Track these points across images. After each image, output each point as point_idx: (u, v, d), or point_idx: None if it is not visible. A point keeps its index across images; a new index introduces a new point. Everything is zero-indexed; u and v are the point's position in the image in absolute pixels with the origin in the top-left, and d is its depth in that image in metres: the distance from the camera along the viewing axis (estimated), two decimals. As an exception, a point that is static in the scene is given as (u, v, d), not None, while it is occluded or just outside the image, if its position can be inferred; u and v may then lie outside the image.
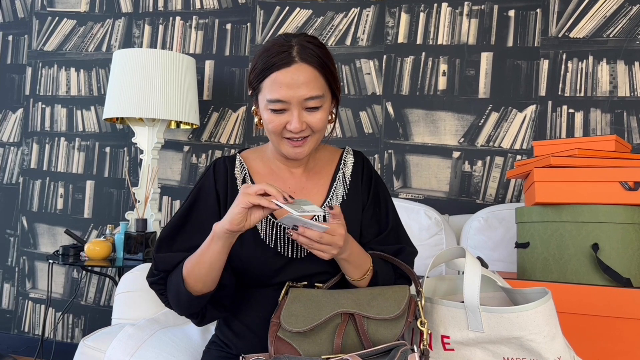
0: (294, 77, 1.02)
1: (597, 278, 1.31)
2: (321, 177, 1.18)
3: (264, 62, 1.05)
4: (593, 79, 2.09)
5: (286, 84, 1.02)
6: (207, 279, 1.00)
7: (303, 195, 1.14)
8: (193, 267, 1.00)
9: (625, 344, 1.22)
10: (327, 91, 1.08)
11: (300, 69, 1.03)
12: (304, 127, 1.05)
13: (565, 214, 1.35)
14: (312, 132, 1.07)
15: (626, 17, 2.06)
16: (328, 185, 1.17)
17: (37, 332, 2.73)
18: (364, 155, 1.24)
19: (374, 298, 0.96)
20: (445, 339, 1.00)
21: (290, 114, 1.04)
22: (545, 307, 0.93)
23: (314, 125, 1.06)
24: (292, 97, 1.02)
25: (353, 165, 1.20)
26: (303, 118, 1.04)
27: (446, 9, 2.25)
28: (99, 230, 2.67)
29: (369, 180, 1.19)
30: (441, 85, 2.25)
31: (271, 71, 1.03)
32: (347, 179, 1.17)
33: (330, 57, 1.09)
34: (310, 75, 1.03)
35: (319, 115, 1.06)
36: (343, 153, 1.22)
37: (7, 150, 2.83)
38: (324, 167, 1.19)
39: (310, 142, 1.08)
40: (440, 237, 1.85)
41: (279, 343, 0.91)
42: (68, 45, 2.75)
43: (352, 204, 1.14)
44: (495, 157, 2.17)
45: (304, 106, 1.04)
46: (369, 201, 1.17)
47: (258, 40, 2.49)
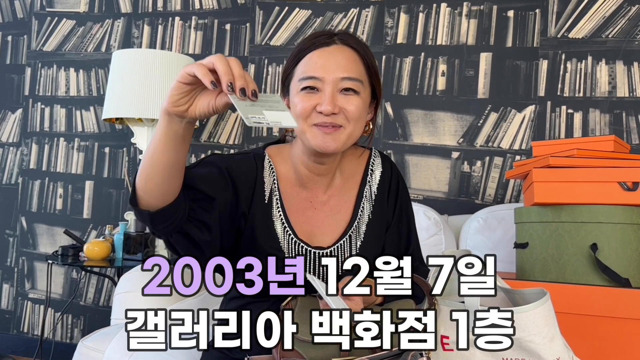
0: (332, 55, 0.94)
1: (595, 278, 1.31)
2: (347, 190, 1.08)
3: (300, 46, 0.98)
4: (592, 79, 2.09)
5: (322, 62, 0.93)
6: (150, 183, 0.82)
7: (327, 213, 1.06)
8: (144, 164, 0.83)
9: (624, 344, 1.22)
10: (366, 81, 0.98)
11: (339, 49, 0.96)
12: (336, 111, 0.93)
13: (564, 214, 1.35)
14: (345, 120, 0.95)
15: (625, 18, 2.06)
16: (354, 202, 1.08)
17: (36, 333, 2.73)
18: (391, 161, 1.15)
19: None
20: (445, 339, 1.00)
21: (322, 94, 0.93)
22: (544, 308, 0.93)
23: (349, 112, 0.94)
24: (327, 74, 0.93)
25: (380, 176, 1.10)
26: (337, 101, 0.93)
27: (445, 9, 2.25)
28: (98, 231, 2.66)
29: (396, 194, 1.11)
30: (440, 85, 2.25)
31: (308, 51, 0.96)
32: (373, 194, 1.09)
33: (373, 55, 1.01)
34: (350, 57, 0.96)
35: (355, 101, 0.95)
36: (370, 158, 1.11)
37: (6, 151, 2.83)
38: (350, 179, 1.09)
39: (342, 135, 0.95)
40: (440, 238, 1.85)
41: (284, 351, 0.90)
42: (67, 45, 2.75)
43: (376, 225, 1.07)
44: (495, 157, 2.17)
45: (339, 87, 0.94)
46: (394, 219, 1.09)
47: (257, 40, 2.49)
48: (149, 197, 0.84)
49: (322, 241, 1.05)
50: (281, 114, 0.73)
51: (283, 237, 1.02)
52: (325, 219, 1.06)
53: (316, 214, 1.06)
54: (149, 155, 0.81)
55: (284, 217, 1.03)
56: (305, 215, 1.05)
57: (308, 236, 1.04)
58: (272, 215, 1.03)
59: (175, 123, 0.77)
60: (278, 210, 1.03)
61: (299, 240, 1.02)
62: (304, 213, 1.06)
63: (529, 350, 0.92)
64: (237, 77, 0.70)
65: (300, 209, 1.05)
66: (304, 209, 1.06)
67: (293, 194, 1.06)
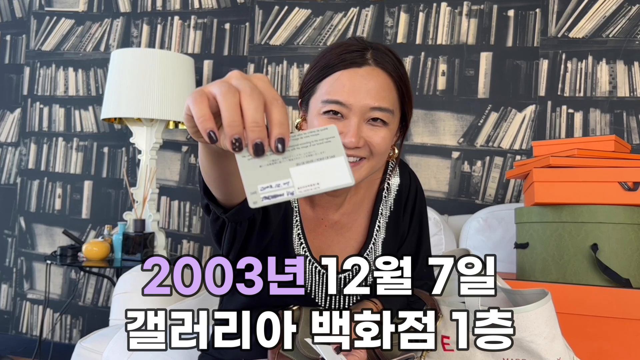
0: (363, 79, 0.83)
1: (596, 278, 1.30)
2: (360, 205, 0.99)
3: (329, 59, 0.85)
4: (592, 79, 2.09)
5: (351, 85, 0.82)
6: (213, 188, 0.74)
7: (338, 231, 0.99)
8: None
9: (625, 345, 1.22)
10: (397, 109, 0.88)
11: (373, 73, 0.84)
12: (361, 144, 0.83)
13: (565, 214, 1.34)
14: (370, 153, 0.86)
15: (625, 17, 2.06)
16: (367, 219, 0.99)
17: (35, 333, 2.72)
18: (410, 169, 1.05)
19: None
20: (445, 339, 0.99)
21: (347, 123, 0.83)
22: (545, 308, 0.93)
23: (375, 145, 0.84)
24: (355, 102, 0.82)
25: (398, 187, 1.01)
26: (362, 132, 0.83)
27: (445, 8, 2.25)
28: (97, 231, 2.66)
29: (413, 206, 1.03)
30: (440, 85, 2.24)
31: (336, 69, 0.84)
32: (389, 210, 1.00)
33: (407, 75, 0.90)
34: (383, 84, 0.84)
35: (382, 133, 0.85)
36: (387, 170, 1.01)
37: (4, 151, 2.82)
38: (363, 192, 1.00)
39: (365, 168, 0.86)
40: (440, 238, 1.84)
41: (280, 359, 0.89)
42: (66, 45, 2.75)
43: (391, 241, 1.00)
44: (495, 157, 2.17)
45: (367, 117, 0.84)
46: (409, 233, 1.02)
47: (257, 40, 2.48)
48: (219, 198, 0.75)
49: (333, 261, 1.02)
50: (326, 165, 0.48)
51: (299, 250, 0.97)
52: (335, 237, 1.00)
53: (327, 231, 1.01)
54: (202, 166, 0.69)
55: (301, 232, 0.97)
56: (316, 232, 1.00)
57: (318, 254, 0.99)
58: (291, 226, 0.97)
59: (209, 146, 0.60)
60: (296, 221, 0.96)
61: (313, 259, 0.97)
62: (315, 230, 1.00)
63: (529, 350, 0.92)
64: (249, 127, 0.47)
65: (312, 226, 1.00)
66: (316, 226, 1.01)
67: (307, 209, 1.00)
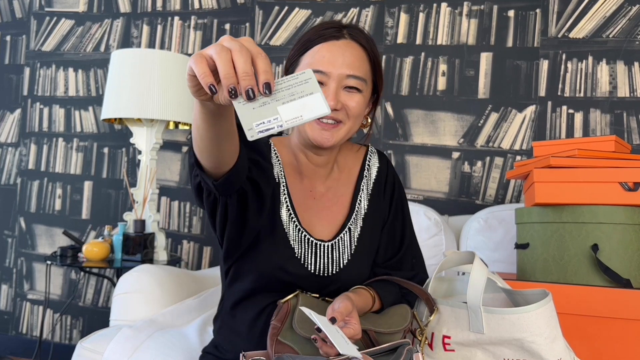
0: (340, 50, 0.95)
1: (597, 279, 1.30)
2: (344, 183, 1.10)
3: (309, 35, 0.98)
4: (593, 79, 2.09)
5: (330, 56, 0.95)
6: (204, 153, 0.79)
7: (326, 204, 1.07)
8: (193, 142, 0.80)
9: (625, 345, 1.22)
10: (369, 79, 1.00)
11: (348, 45, 0.97)
12: (339, 107, 0.96)
13: (565, 214, 1.34)
14: (346, 116, 0.98)
15: (626, 18, 2.06)
16: (351, 195, 1.09)
17: (35, 334, 2.72)
18: (388, 158, 1.17)
19: (380, 317, 0.98)
20: (446, 339, 0.99)
21: (327, 89, 0.95)
22: (546, 309, 0.93)
23: (351, 109, 0.97)
24: (333, 70, 0.95)
25: (377, 172, 1.12)
26: (340, 97, 0.96)
27: (445, 9, 2.25)
28: (97, 231, 2.66)
29: (392, 191, 1.13)
30: (441, 85, 2.24)
31: (316, 43, 0.97)
32: (369, 188, 1.11)
33: (378, 51, 1.02)
34: (357, 54, 0.97)
35: (357, 98, 0.98)
36: (367, 154, 1.14)
37: (4, 151, 2.82)
38: (347, 172, 1.12)
39: (341, 130, 0.99)
40: (440, 238, 1.84)
41: (279, 347, 0.89)
42: (66, 45, 2.75)
43: (372, 219, 1.09)
44: (495, 157, 2.17)
45: (343, 84, 0.96)
46: (390, 216, 1.11)
47: (257, 40, 2.48)
48: (209, 166, 0.81)
49: (322, 232, 1.06)
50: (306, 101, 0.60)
51: (288, 223, 1.03)
52: (323, 209, 1.07)
53: (315, 203, 1.07)
54: (195, 129, 0.75)
55: (289, 204, 1.04)
56: (305, 204, 1.07)
57: (308, 225, 1.05)
58: (279, 201, 1.04)
59: (206, 106, 0.68)
60: (284, 195, 1.04)
61: (302, 229, 1.03)
62: (305, 202, 1.07)
63: (530, 351, 0.92)
64: (241, 76, 0.58)
65: (301, 198, 1.07)
66: (305, 198, 1.07)
67: (295, 182, 1.07)
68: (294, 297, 0.95)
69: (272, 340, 0.90)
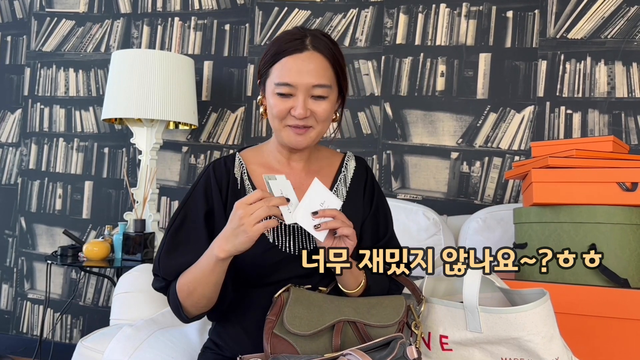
0: (305, 63, 1.03)
1: (594, 279, 1.31)
2: (323, 176, 1.16)
3: (276, 48, 1.06)
4: (591, 79, 2.09)
5: (296, 69, 1.03)
6: (213, 295, 1.02)
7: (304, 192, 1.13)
8: (195, 288, 1.00)
9: (623, 345, 1.22)
10: (334, 84, 1.08)
11: (312, 57, 1.04)
12: (307, 114, 1.05)
13: (563, 214, 1.35)
14: (315, 122, 1.07)
15: (624, 18, 2.07)
16: (328, 186, 1.15)
17: (35, 333, 2.73)
18: (366, 162, 1.24)
19: (372, 307, 0.98)
20: (444, 339, 1.00)
21: (295, 99, 1.04)
22: (543, 308, 0.93)
23: (318, 115, 1.06)
24: (300, 82, 1.03)
25: (354, 171, 1.20)
26: (308, 105, 1.05)
27: (444, 10, 2.26)
28: (98, 231, 2.66)
29: (372, 191, 1.20)
30: (439, 86, 2.25)
31: (282, 56, 1.04)
32: (347, 183, 1.17)
33: (342, 54, 1.10)
34: (320, 64, 1.05)
35: (324, 105, 1.06)
36: (345, 157, 1.22)
37: (5, 151, 2.83)
38: (324, 168, 1.19)
39: (312, 133, 1.08)
40: (439, 238, 1.85)
41: (275, 340, 0.91)
42: (67, 45, 2.75)
43: (350, 210, 1.12)
44: (494, 157, 2.18)
45: (311, 94, 1.05)
46: (370, 212, 1.17)
47: (257, 41, 2.49)
48: (197, 312, 1.07)
49: None
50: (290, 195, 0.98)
51: None
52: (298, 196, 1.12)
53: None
54: (212, 285, 1.00)
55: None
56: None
57: None
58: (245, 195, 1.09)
59: (225, 263, 0.97)
60: (249, 190, 1.12)
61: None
62: None
63: (527, 350, 0.92)
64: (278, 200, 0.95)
65: None
66: None
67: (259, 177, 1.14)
68: (286, 291, 0.98)
69: (268, 334, 0.91)
